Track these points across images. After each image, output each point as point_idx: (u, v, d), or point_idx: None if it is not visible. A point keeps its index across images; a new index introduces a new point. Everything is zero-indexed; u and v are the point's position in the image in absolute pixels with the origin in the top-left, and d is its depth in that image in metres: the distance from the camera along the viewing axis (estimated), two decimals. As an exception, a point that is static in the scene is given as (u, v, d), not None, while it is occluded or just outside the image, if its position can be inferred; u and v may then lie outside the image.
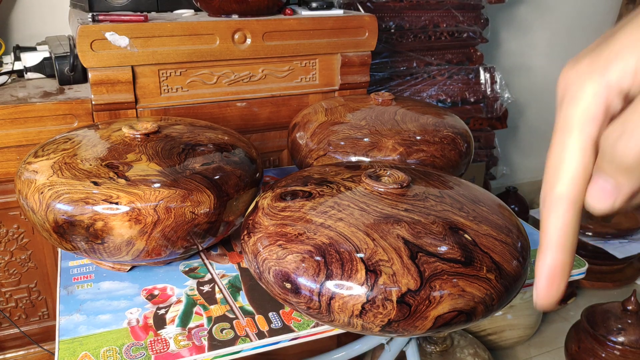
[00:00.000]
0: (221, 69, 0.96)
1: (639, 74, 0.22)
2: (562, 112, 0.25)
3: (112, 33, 0.85)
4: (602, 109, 0.23)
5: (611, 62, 0.23)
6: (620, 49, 0.22)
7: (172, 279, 0.62)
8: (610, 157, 0.22)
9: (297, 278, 0.47)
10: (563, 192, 0.24)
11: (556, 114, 0.25)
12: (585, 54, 0.24)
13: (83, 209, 0.53)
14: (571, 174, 0.24)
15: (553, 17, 1.83)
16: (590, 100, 0.23)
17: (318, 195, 0.54)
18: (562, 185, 0.24)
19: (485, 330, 1.33)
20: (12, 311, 1.01)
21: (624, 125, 0.21)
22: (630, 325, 1.16)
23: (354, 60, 1.04)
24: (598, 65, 0.23)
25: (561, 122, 0.25)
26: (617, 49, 0.23)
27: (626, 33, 0.23)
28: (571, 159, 0.24)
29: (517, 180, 2.01)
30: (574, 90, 0.24)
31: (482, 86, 1.50)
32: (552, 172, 0.25)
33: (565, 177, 0.24)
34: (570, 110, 0.24)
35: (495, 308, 0.48)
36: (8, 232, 0.95)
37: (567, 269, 0.25)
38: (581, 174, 0.24)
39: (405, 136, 0.72)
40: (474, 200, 0.55)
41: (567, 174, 0.24)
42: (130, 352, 0.50)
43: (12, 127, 0.86)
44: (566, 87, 0.25)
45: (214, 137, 0.67)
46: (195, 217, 0.56)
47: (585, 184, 0.24)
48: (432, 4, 1.40)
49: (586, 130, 0.24)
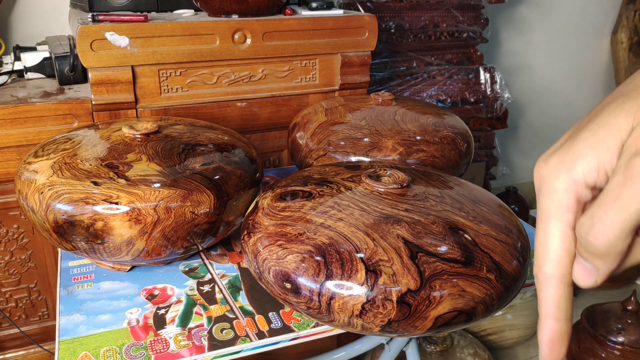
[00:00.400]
0: (221, 69, 0.96)
1: (601, 170, 0.26)
2: (540, 203, 0.29)
3: (112, 33, 0.85)
4: (573, 199, 0.27)
5: (576, 161, 0.26)
6: (582, 150, 0.26)
7: (172, 279, 0.62)
8: (584, 246, 0.26)
9: (297, 278, 0.47)
10: (551, 272, 0.28)
11: (537, 202, 0.29)
12: (555, 149, 0.28)
13: (83, 209, 0.53)
14: (555, 255, 0.28)
15: (553, 17, 1.83)
16: (562, 194, 0.27)
17: (318, 195, 0.54)
18: (549, 266, 0.28)
19: (485, 330, 1.33)
20: (12, 311, 1.01)
21: (592, 219, 0.25)
22: (630, 325, 1.16)
23: (354, 60, 1.04)
24: (565, 163, 0.27)
25: (541, 212, 0.28)
26: (580, 149, 0.26)
27: (589, 133, 0.26)
28: (554, 243, 0.28)
29: (517, 180, 2.01)
30: (547, 184, 0.28)
31: (482, 86, 1.50)
32: (539, 254, 0.29)
33: (550, 258, 0.28)
34: (547, 202, 0.28)
35: (495, 308, 0.48)
36: (8, 232, 0.95)
37: (565, 337, 0.29)
38: (564, 255, 0.28)
39: (405, 136, 0.72)
40: (474, 200, 0.55)
41: (552, 255, 0.28)
42: (130, 352, 0.50)
43: (12, 127, 0.86)
44: (541, 181, 0.28)
45: (214, 137, 0.67)
46: (195, 217, 0.56)
47: (570, 262, 0.28)
48: (432, 4, 1.40)
49: (563, 219, 0.27)
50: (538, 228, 0.29)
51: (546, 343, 0.29)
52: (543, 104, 1.94)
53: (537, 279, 0.29)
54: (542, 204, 0.28)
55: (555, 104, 1.97)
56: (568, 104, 1.99)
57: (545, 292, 0.29)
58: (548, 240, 0.28)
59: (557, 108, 1.98)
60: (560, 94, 1.96)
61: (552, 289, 0.28)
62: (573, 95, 2.00)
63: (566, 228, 0.28)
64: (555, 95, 1.96)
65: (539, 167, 0.28)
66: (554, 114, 1.98)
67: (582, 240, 0.26)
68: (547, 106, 1.96)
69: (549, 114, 1.97)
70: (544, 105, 1.95)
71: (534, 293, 1.39)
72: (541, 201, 0.28)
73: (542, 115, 1.96)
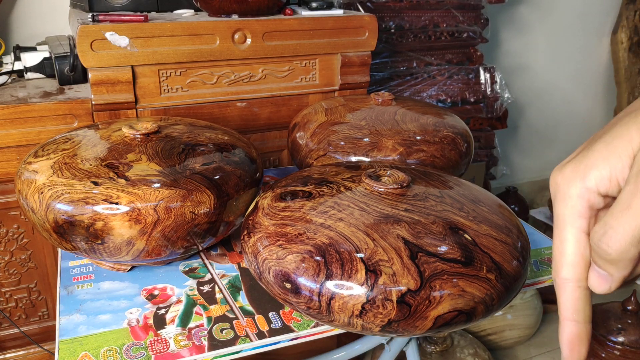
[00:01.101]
0: (221, 69, 0.96)
1: (613, 179, 0.27)
2: (556, 209, 0.30)
3: (112, 33, 0.85)
4: (586, 206, 0.29)
5: (590, 170, 0.28)
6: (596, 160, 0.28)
7: (172, 279, 0.62)
8: (597, 253, 0.27)
9: (297, 278, 0.47)
10: (568, 276, 0.29)
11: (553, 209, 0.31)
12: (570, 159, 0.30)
13: (83, 209, 0.53)
14: (571, 259, 0.29)
15: (553, 17, 1.83)
16: (576, 200, 0.29)
17: (318, 195, 0.54)
18: (566, 271, 0.29)
19: (485, 330, 1.33)
20: (12, 311, 1.01)
21: (605, 227, 0.26)
22: (630, 325, 1.16)
23: (354, 60, 1.04)
24: (579, 172, 0.29)
25: (557, 219, 0.30)
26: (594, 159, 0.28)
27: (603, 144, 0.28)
28: (569, 248, 0.29)
29: (517, 180, 2.01)
30: (562, 191, 0.29)
31: (482, 86, 1.50)
32: (556, 259, 0.30)
33: (566, 262, 0.29)
34: (562, 209, 0.30)
35: (495, 308, 0.48)
36: (8, 232, 0.95)
37: (585, 338, 0.30)
38: (579, 259, 0.29)
39: (405, 136, 0.72)
40: (474, 200, 0.55)
41: (568, 260, 0.29)
42: (130, 352, 0.50)
43: (12, 127, 0.86)
44: (556, 189, 0.30)
45: (214, 137, 0.67)
46: (195, 217, 0.56)
47: (586, 266, 0.29)
48: (432, 4, 1.40)
49: (576, 224, 0.29)
50: (554, 234, 0.30)
51: (566, 344, 0.30)
52: (543, 104, 1.94)
53: (555, 283, 0.30)
54: (557, 211, 0.30)
55: (555, 104, 1.97)
56: (568, 104, 1.99)
57: (563, 296, 0.30)
58: (563, 246, 0.29)
59: (557, 108, 1.98)
60: (560, 94, 1.96)
61: (570, 292, 0.30)
62: (573, 95, 2.00)
63: (580, 233, 0.29)
64: (555, 95, 1.96)
65: (555, 175, 0.30)
66: (554, 114, 1.98)
67: (595, 247, 0.27)
68: (547, 106, 1.96)
69: (549, 114, 1.97)
70: (544, 105, 1.95)
71: (534, 293, 1.39)
72: (557, 208, 0.30)
73: (542, 115, 1.96)
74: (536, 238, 0.71)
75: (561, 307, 0.30)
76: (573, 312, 0.30)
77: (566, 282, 0.30)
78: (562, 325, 0.30)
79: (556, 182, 0.30)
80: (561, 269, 0.30)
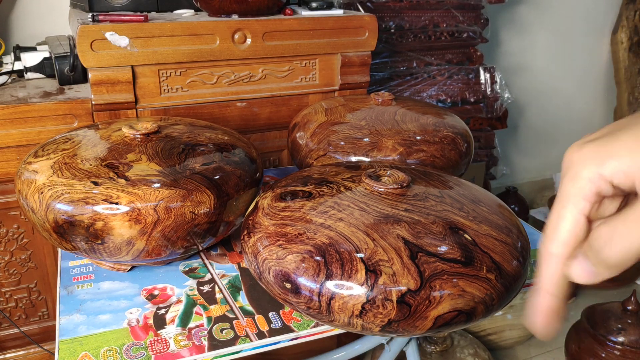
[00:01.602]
0: (221, 69, 0.96)
1: (629, 174, 0.26)
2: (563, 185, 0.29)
3: (112, 33, 0.85)
4: (593, 191, 0.28)
5: (610, 157, 0.27)
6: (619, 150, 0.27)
7: (172, 279, 0.62)
8: (597, 253, 0.27)
9: (297, 278, 0.47)
10: (556, 252, 0.29)
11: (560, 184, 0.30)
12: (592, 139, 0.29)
13: (83, 209, 0.53)
14: (564, 237, 0.29)
15: (553, 17, 1.83)
16: (585, 183, 0.28)
17: (318, 195, 0.54)
18: (555, 246, 0.29)
19: (485, 330, 1.33)
20: (12, 311, 1.01)
21: (613, 232, 0.26)
22: (630, 325, 1.16)
23: (354, 60, 1.04)
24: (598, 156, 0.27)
25: (560, 194, 0.29)
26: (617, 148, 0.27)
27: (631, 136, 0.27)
28: (564, 226, 0.29)
29: (517, 180, 2.01)
30: (575, 169, 0.28)
31: (482, 86, 1.50)
32: (549, 233, 0.30)
33: (558, 239, 0.29)
34: (569, 187, 0.29)
35: (495, 308, 0.48)
36: (8, 232, 0.95)
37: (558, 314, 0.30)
38: (572, 239, 0.29)
39: (405, 136, 0.72)
40: (474, 200, 0.55)
41: (561, 237, 0.29)
42: (130, 352, 0.50)
43: (12, 127, 0.86)
44: (569, 165, 0.29)
45: (214, 137, 0.67)
46: (195, 217, 0.56)
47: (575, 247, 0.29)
48: (432, 4, 1.40)
49: (579, 205, 0.28)
50: (554, 208, 0.30)
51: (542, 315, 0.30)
52: (543, 104, 1.94)
53: (540, 253, 0.30)
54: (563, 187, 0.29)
55: (555, 104, 1.97)
56: (568, 104, 1.99)
57: (546, 269, 0.30)
58: (560, 222, 0.29)
59: (557, 108, 1.98)
60: (560, 94, 1.96)
61: (554, 267, 0.29)
62: (573, 95, 2.00)
63: (579, 215, 0.28)
64: (555, 95, 1.96)
65: (571, 151, 0.29)
66: (554, 114, 1.98)
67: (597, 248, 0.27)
68: (547, 106, 1.96)
69: (549, 114, 1.97)
70: (544, 105, 1.95)
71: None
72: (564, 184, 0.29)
73: (542, 115, 1.96)
74: (536, 238, 0.71)
75: (542, 279, 0.30)
76: (553, 286, 0.30)
77: (553, 257, 0.29)
78: (540, 295, 0.30)
79: (571, 159, 0.29)
80: (551, 244, 0.29)
